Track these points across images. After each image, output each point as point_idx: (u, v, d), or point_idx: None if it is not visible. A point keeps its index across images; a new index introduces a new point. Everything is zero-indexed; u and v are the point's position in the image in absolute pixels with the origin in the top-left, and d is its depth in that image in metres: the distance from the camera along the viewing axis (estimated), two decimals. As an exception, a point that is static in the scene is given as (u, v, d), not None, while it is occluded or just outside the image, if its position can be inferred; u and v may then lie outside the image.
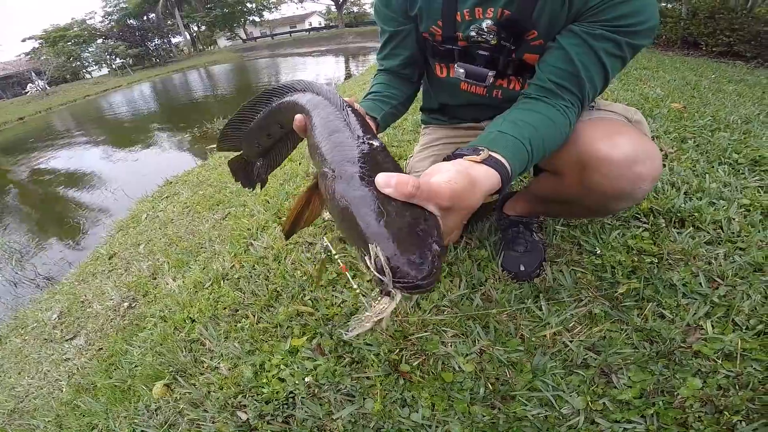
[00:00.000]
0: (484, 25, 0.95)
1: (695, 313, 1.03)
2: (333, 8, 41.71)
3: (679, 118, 2.30)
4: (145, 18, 36.53)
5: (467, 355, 1.05)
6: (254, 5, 40.92)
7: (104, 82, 25.23)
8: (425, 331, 1.13)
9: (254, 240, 1.80)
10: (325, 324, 1.23)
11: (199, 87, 16.60)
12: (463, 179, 0.56)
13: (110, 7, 36.79)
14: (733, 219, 1.32)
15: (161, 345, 1.38)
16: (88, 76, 35.18)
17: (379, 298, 0.50)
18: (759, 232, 1.26)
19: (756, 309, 1.02)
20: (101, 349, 1.62)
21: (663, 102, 2.70)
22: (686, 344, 0.98)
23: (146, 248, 2.38)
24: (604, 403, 0.90)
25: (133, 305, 1.85)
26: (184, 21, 37.68)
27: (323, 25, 47.09)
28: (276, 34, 43.41)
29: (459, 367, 1.02)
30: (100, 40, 34.79)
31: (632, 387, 0.91)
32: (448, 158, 0.65)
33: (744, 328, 0.99)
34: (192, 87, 16.90)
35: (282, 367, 1.13)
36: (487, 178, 0.60)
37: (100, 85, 24.15)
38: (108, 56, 34.06)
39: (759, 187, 1.49)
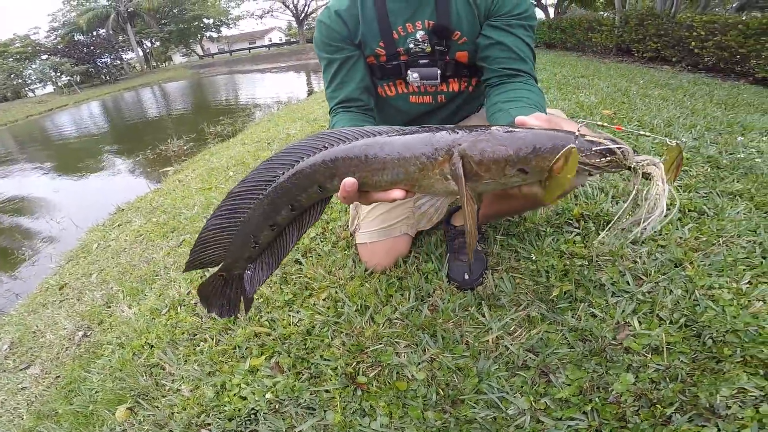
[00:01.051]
0: (418, 35, 1.13)
1: (623, 311, 1.10)
2: (294, 24, 41.54)
3: (609, 124, 2.48)
4: (94, 33, 34.97)
5: (419, 363, 1.10)
6: (212, 21, 40.11)
7: (48, 101, 23.86)
8: (379, 344, 1.17)
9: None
10: (283, 343, 1.25)
11: (152, 105, 15.96)
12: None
13: (56, 23, 35.09)
14: (655, 219, 1.44)
15: (120, 370, 1.36)
16: (31, 94, 33.16)
17: (639, 187, 0.60)
18: (677, 229, 1.38)
19: (678, 303, 1.10)
20: (59, 377, 1.57)
21: (596, 109, 2.90)
22: (617, 341, 1.03)
23: (99, 278, 2.29)
24: (546, 402, 0.95)
25: (88, 334, 1.79)
26: (136, 37, 36.43)
27: (284, 41, 46.75)
28: (234, 51, 42.70)
29: (412, 375, 1.07)
30: (44, 56, 32.93)
31: (570, 385, 0.96)
32: None
33: (668, 322, 1.06)
34: (145, 106, 16.23)
35: (243, 385, 1.15)
36: None
37: (43, 104, 22.81)
38: (53, 73, 32.29)
39: (677, 186, 1.63)
